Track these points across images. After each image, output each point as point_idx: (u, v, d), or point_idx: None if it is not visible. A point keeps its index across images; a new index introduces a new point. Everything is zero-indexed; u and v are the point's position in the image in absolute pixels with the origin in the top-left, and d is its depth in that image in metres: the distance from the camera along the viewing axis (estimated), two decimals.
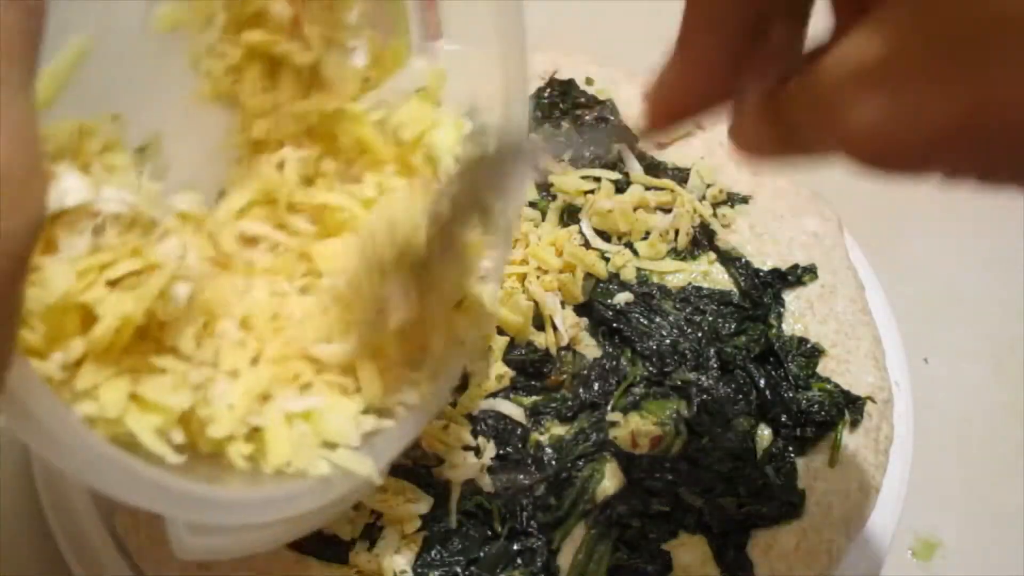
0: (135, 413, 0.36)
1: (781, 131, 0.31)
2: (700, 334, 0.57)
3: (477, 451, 0.52)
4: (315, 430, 0.40)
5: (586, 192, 0.61)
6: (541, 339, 0.56)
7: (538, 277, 0.57)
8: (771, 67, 0.31)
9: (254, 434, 0.40)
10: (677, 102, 0.33)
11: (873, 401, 0.56)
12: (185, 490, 0.36)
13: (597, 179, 0.62)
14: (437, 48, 0.47)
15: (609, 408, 0.55)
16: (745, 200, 0.64)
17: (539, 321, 0.57)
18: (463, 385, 0.54)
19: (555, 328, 0.56)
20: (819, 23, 0.31)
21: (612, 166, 0.63)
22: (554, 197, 0.62)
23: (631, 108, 0.66)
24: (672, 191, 0.62)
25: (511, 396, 0.55)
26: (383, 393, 0.42)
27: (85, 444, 0.33)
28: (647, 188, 0.62)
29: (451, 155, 0.45)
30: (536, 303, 0.56)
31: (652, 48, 0.35)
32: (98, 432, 0.35)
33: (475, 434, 0.53)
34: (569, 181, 0.61)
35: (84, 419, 0.35)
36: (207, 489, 0.37)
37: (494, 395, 0.54)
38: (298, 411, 0.40)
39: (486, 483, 0.51)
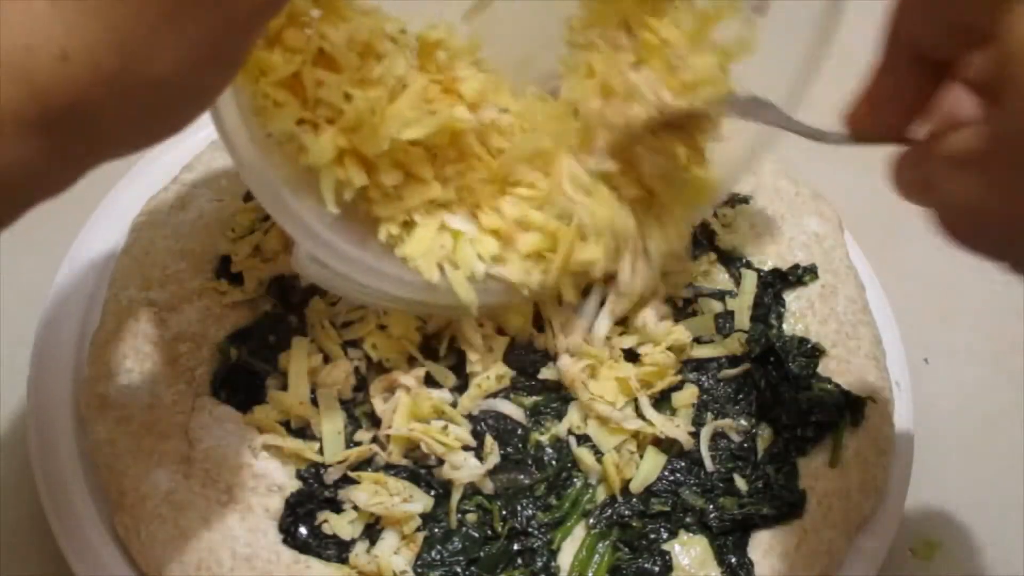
0: (332, 166, 0.45)
1: (917, 180, 0.36)
2: None
3: (477, 451, 0.52)
4: (452, 247, 0.49)
5: None
6: (541, 339, 0.56)
7: None
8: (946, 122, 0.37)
9: (408, 224, 0.49)
10: (866, 124, 0.39)
11: (873, 401, 0.56)
12: (324, 235, 0.46)
13: None
14: (756, 19, 0.49)
15: None
16: (745, 200, 0.64)
17: (539, 321, 0.56)
18: (463, 385, 0.54)
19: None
20: None
21: None
22: None
23: None
24: None
25: (511, 396, 0.55)
26: (521, 264, 0.50)
27: (259, 164, 0.43)
28: None
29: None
30: (536, 303, 0.56)
31: None
32: (278, 159, 0.45)
33: (476, 434, 0.52)
34: None
35: (275, 134, 0.45)
36: (339, 240, 0.47)
37: (494, 395, 0.54)
38: (452, 227, 0.49)
39: (486, 484, 0.51)
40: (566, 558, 0.50)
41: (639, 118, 0.49)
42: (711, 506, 0.52)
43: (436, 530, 0.50)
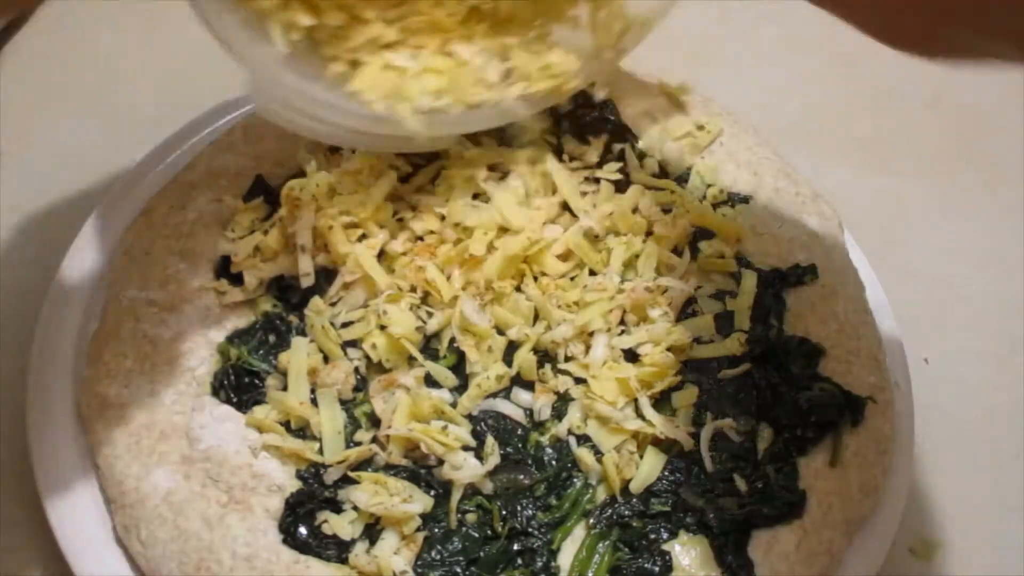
0: (279, 9, 0.49)
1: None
2: None
3: (477, 451, 0.52)
4: (399, 84, 0.52)
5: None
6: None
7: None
8: None
9: (355, 63, 0.52)
10: None
11: (874, 401, 0.56)
12: (278, 72, 0.51)
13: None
14: None
15: None
16: (745, 200, 0.64)
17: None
18: (463, 385, 0.54)
19: None
20: None
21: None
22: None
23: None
24: (672, 191, 0.62)
25: (511, 396, 0.55)
26: (462, 89, 0.54)
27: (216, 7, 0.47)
28: (647, 188, 0.62)
29: None
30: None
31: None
32: (232, 5, 0.48)
33: (476, 434, 0.52)
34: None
35: None
36: (292, 75, 0.51)
37: (494, 395, 0.54)
38: (395, 64, 0.53)
39: (486, 484, 0.51)
40: (566, 558, 0.50)
41: None
42: (711, 506, 0.51)
43: (436, 530, 0.50)
